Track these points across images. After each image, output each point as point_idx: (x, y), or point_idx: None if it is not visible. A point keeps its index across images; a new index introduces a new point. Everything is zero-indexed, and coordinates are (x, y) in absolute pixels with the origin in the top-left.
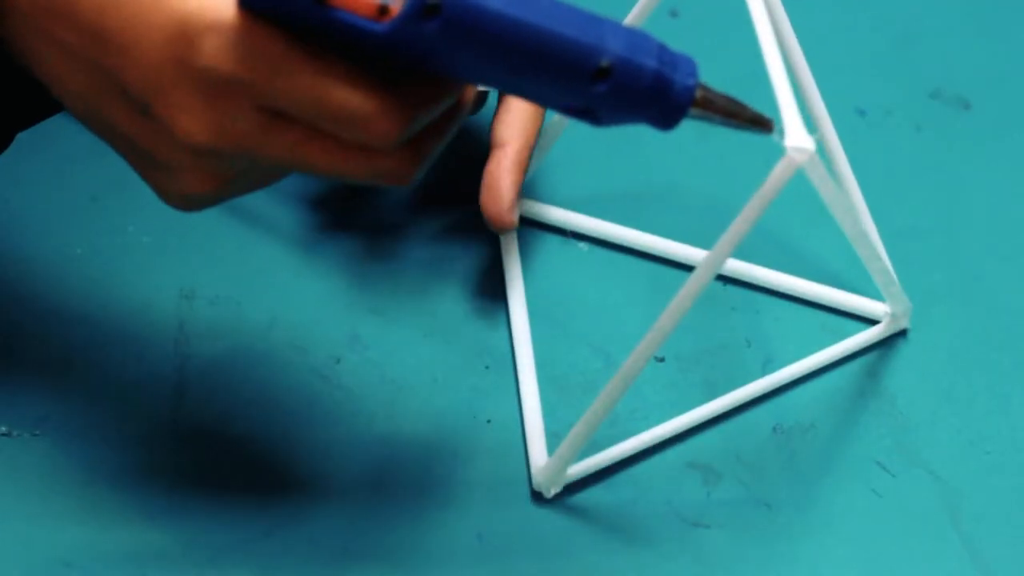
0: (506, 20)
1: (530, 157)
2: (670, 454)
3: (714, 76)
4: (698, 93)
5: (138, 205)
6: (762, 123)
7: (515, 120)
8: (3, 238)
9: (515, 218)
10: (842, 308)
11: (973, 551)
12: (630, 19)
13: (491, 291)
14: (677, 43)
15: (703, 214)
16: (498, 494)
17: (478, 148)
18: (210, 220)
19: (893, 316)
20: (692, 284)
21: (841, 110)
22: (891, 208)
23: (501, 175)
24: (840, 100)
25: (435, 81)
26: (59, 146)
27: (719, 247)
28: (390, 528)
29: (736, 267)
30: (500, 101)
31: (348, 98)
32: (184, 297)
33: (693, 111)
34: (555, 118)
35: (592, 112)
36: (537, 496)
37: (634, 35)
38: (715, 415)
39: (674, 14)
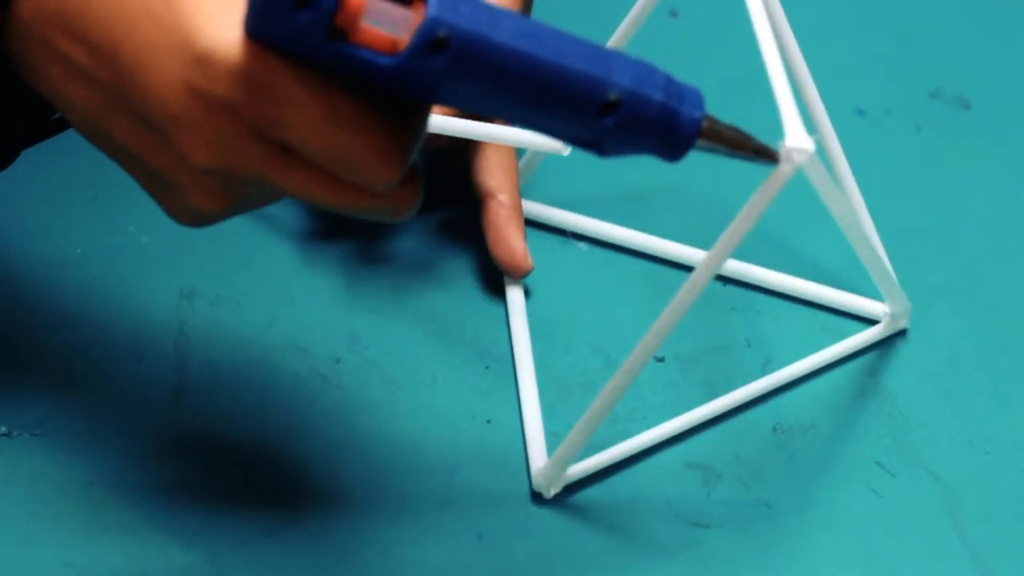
0: (514, 54)
1: (520, 197)
2: (670, 454)
3: (714, 76)
4: (705, 124)
5: (138, 205)
6: (767, 154)
7: (496, 166)
8: (3, 238)
9: (531, 262)
10: (842, 308)
11: (973, 551)
12: (629, 19)
13: (491, 291)
14: (677, 43)
15: (703, 214)
16: (498, 494)
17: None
18: None
19: (893, 316)
20: (691, 284)
21: (841, 110)
22: (891, 208)
23: (504, 226)
24: (840, 100)
25: (420, 109)
26: (59, 146)
27: (718, 247)
28: (390, 528)
29: (736, 267)
30: (472, 145)
31: (351, 144)
32: (184, 297)
33: (699, 142)
34: None
35: (598, 143)
36: (537, 496)
37: (641, 67)
38: (715, 415)
39: (674, 14)
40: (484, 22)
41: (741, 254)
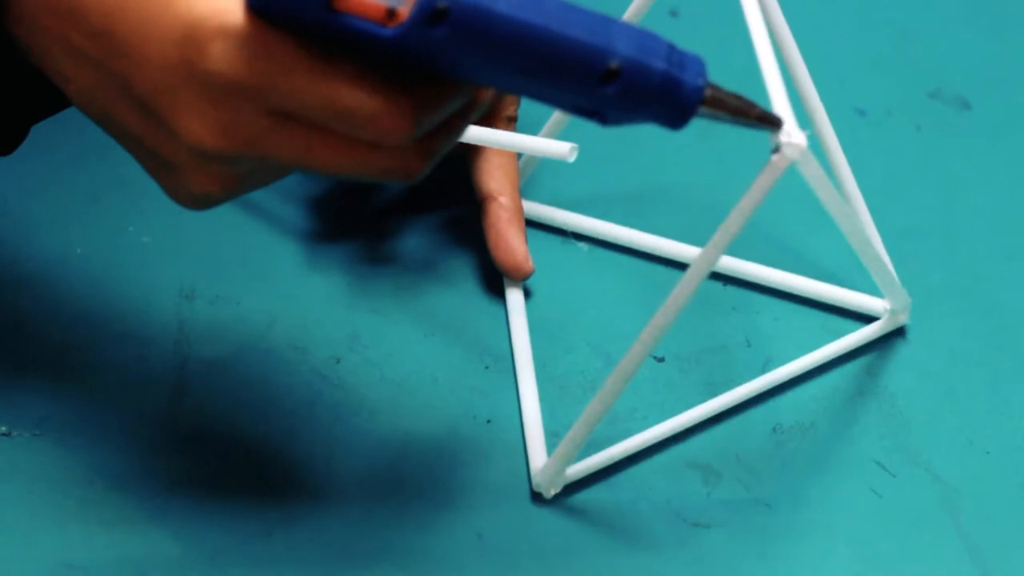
0: (514, 24)
1: (520, 199)
2: (670, 454)
3: (713, 75)
4: (707, 92)
5: (138, 205)
6: (770, 121)
7: (497, 168)
8: (3, 238)
9: (532, 265)
10: (841, 304)
11: (973, 551)
12: (627, 18)
13: (491, 291)
14: (677, 43)
15: (702, 214)
16: (498, 494)
17: (470, 146)
18: (210, 220)
19: (892, 312)
20: (687, 280)
21: (841, 110)
22: (891, 208)
23: (505, 228)
24: (840, 100)
25: (447, 80)
26: (59, 146)
27: (713, 243)
28: (390, 528)
29: (736, 266)
30: (472, 148)
31: (357, 97)
32: (184, 297)
33: (702, 110)
34: (552, 121)
35: (600, 113)
36: (537, 496)
37: (642, 36)
38: (715, 415)
39: (674, 14)
40: None
41: (741, 253)
